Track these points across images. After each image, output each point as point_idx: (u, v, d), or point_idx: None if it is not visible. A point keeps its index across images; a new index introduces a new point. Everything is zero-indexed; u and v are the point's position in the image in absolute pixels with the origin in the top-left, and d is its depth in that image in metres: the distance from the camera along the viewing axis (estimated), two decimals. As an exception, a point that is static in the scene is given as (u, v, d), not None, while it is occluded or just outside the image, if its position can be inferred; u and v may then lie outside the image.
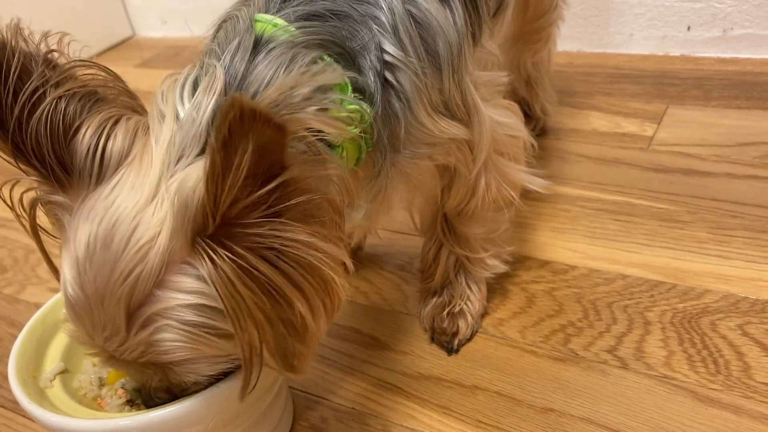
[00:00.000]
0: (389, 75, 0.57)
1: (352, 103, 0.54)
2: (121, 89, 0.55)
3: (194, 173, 0.47)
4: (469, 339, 0.79)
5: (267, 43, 0.52)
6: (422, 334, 0.81)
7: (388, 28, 0.57)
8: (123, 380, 0.62)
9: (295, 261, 0.45)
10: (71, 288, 0.49)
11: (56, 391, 0.61)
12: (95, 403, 0.61)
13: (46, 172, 0.51)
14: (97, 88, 0.53)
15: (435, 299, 0.81)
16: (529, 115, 1.12)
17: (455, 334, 0.79)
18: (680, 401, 0.68)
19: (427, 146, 0.63)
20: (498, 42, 0.78)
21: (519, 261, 0.88)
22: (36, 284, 1.03)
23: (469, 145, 0.66)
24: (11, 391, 0.58)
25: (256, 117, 0.38)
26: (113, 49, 1.96)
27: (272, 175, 0.42)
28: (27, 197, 0.54)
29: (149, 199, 0.47)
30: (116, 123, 0.51)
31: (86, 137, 0.50)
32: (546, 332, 0.79)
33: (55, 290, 0.77)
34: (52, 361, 0.63)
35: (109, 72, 0.55)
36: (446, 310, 0.79)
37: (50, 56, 0.51)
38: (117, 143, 0.51)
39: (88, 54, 0.54)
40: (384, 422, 0.72)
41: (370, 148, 0.58)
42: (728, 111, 1.13)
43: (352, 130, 0.53)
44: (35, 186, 0.53)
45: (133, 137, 0.51)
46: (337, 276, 0.49)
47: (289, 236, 0.44)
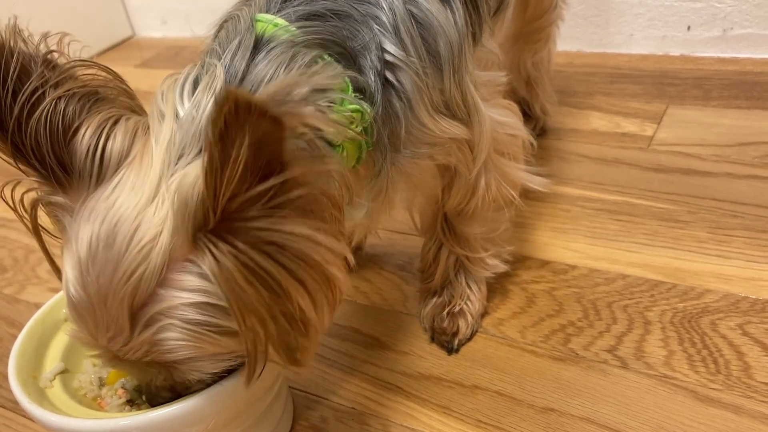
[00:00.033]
0: (390, 75, 0.57)
1: (353, 103, 0.54)
2: (121, 89, 0.55)
3: (193, 171, 0.47)
4: (469, 339, 0.79)
5: (267, 43, 0.52)
6: (422, 334, 0.81)
7: (389, 28, 0.57)
8: (123, 380, 0.62)
9: (296, 255, 0.45)
10: (74, 288, 0.49)
11: (56, 391, 0.61)
12: (95, 403, 0.61)
13: (46, 173, 0.51)
14: (97, 88, 0.53)
15: (435, 299, 0.81)
16: (529, 115, 1.13)
17: (455, 334, 0.79)
18: (680, 401, 0.68)
19: (428, 146, 0.63)
20: (498, 41, 0.78)
21: (519, 261, 0.88)
22: (36, 284, 1.03)
23: (470, 145, 0.66)
24: (11, 391, 0.58)
25: (252, 109, 0.38)
26: (113, 49, 1.96)
27: (271, 170, 0.42)
28: (28, 198, 0.54)
29: (150, 199, 0.47)
30: (116, 123, 0.51)
31: (86, 137, 0.50)
32: (546, 332, 0.79)
33: (56, 290, 0.77)
34: (52, 361, 0.63)
35: (109, 71, 0.55)
36: (446, 310, 0.79)
37: (49, 56, 0.51)
38: (117, 143, 0.51)
39: (88, 54, 0.54)
40: (384, 422, 0.72)
41: (371, 148, 0.58)
42: (728, 111, 1.13)
43: (353, 130, 0.54)
44: (36, 187, 0.53)
45: (133, 137, 0.51)
46: (339, 270, 0.49)
47: (290, 230, 0.44)
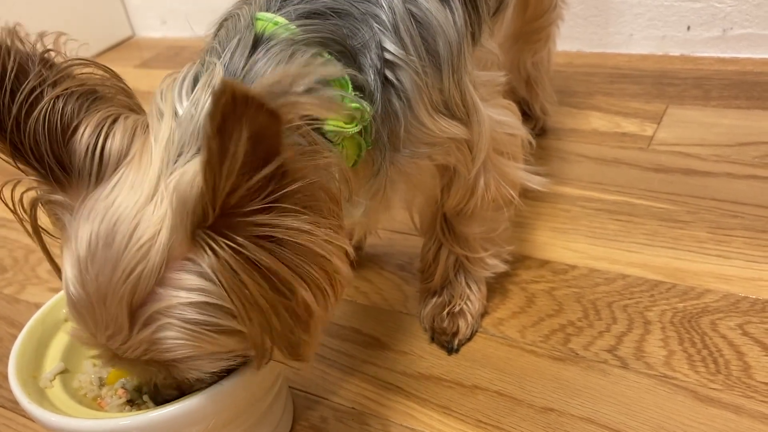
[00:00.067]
0: (389, 73, 0.57)
1: (353, 101, 0.54)
2: (119, 88, 0.55)
3: (192, 169, 0.47)
4: (469, 339, 0.79)
5: (267, 41, 0.52)
6: (422, 334, 0.81)
7: (389, 27, 0.57)
8: (123, 380, 0.62)
9: (296, 248, 0.45)
10: (73, 287, 0.49)
11: (56, 391, 0.60)
12: (95, 403, 0.61)
13: (45, 172, 0.51)
14: (95, 87, 0.53)
15: (435, 299, 0.81)
16: (529, 115, 1.13)
17: (455, 334, 0.79)
18: (680, 401, 0.68)
19: (427, 146, 0.63)
20: (498, 41, 0.78)
21: (519, 261, 0.88)
22: (36, 284, 1.03)
23: (469, 145, 0.66)
24: (11, 391, 0.58)
25: (249, 102, 0.38)
26: (113, 49, 1.96)
27: (269, 164, 0.42)
28: (27, 197, 0.54)
29: (149, 198, 0.47)
30: (115, 122, 0.51)
31: (85, 136, 0.50)
32: (546, 332, 0.79)
33: (56, 290, 0.77)
34: (52, 361, 0.63)
35: (107, 70, 0.55)
36: (446, 310, 0.79)
37: (47, 55, 0.51)
38: (116, 142, 0.51)
39: (88, 54, 0.54)
40: (384, 422, 0.71)
41: (370, 147, 0.58)
42: (728, 111, 1.13)
43: (352, 128, 0.53)
44: (35, 186, 0.53)
45: (132, 136, 0.51)
46: (340, 261, 0.49)
47: (289, 224, 0.44)
